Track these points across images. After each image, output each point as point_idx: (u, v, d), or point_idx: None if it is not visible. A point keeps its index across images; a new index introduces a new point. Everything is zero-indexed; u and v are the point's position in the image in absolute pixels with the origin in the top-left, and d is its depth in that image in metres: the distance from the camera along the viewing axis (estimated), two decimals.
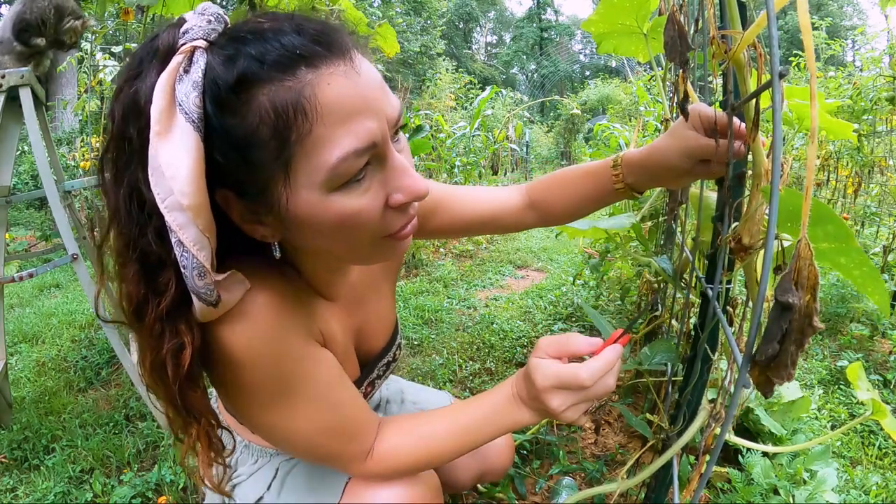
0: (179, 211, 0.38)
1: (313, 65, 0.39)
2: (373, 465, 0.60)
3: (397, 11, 13.25)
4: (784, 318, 0.34)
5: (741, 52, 0.47)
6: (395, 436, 0.61)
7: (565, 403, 0.53)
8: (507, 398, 0.59)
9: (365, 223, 0.44)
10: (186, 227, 0.39)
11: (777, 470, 1.15)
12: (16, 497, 1.24)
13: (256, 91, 0.38)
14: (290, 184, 0.41)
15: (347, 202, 0.42)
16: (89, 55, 2.74)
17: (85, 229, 1.78)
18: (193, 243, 0.39)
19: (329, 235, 0.45)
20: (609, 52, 1.08)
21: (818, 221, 0.44)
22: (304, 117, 0.38)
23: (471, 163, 4.33)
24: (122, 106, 0.40)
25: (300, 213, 0.42)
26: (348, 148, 0.40)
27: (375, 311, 0.72)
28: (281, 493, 0.69)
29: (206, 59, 0.39)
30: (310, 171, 0.40)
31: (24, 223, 5.06)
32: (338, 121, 0.39)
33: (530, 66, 33.21)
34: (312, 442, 0.56)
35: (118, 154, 0.40)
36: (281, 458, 0.73)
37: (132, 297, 0.42)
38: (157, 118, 0.37)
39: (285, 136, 0.39)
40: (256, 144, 0.39)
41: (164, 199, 0.38)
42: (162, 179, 0.37)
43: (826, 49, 3.52)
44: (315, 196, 0.41)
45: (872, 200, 2.71)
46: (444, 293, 2.80)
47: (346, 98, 0.40)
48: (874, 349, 1.93)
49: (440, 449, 0.60)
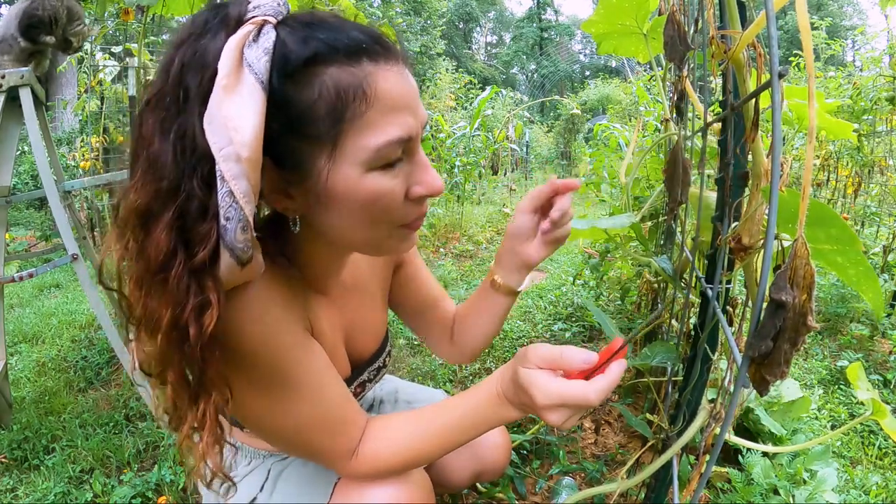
0: (235, 162, 0.39)
1: (374, 59, 0.44)
2: (357, 465, 0.60)
3: (397, 11, 13.24)
4: (778, 315, 0.34)
5: (740, 51, 0.47)
6: (379, 436, 0.61)
7: (564, 418, 0.52)
8: (491, 397, 0.58)
9: (388, 205, 0.48)
10: (239, 179, 0.40)
11: (777, 470, 1.15)
12: (16, 497, 1.24)
13: (322, 70, 0.43)
14: (335, 158, 0.44)
15: (380, 182, 0.46)
16: (89, 55, 2.74)
17: (85, 229, 1.78)
18: (243, 196, 0.40)
19: (355, 213, 0.48)
20: (609, 52, 1.09)
21: (821, 224, 0.43)
22: (362, 100, 0.43)
23: (471, 163, 4.34)
24: (184, 58, 0.41)
25: (337, 186, 0.45)
26: (393, 135, 0.45)
27: (365, 316, 0.74)
28: (273, 494, 0.70)
29: (275, 33, 0.42)
30: (356, 150, 0.44)
31: (24, 223, 5.06)
32: (388, 110, 0.45)
33: (530, 66, 33.22)
34: (300, 433, 0.57)
35: (171, 101, 0.41)
36: (273, 459, 0.74)
37: (159, 247, 0.40)
38: (225, 73, 0.39)
39: (340, 114, 0.43)
40: (311, 117, 0.43)
41: (220, 148, 0.39)
42: (222, 130, 0.39)
43: (826, 49, 3.52)
44: (354, 173, 0.45)
45: (872, 200, 2.71)
46: None
47: (397, 93, 0.45)
48: (874, 349, 1.93)
49: (425, 448, 0.60)
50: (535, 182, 9.11)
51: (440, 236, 3.96)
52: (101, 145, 3.10)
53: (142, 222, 0.41)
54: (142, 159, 0.41)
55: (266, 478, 0.72)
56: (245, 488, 0.72)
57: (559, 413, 0.51)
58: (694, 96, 0.72)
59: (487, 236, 4.39)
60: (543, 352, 0.53)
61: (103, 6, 1.83)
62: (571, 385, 0.51)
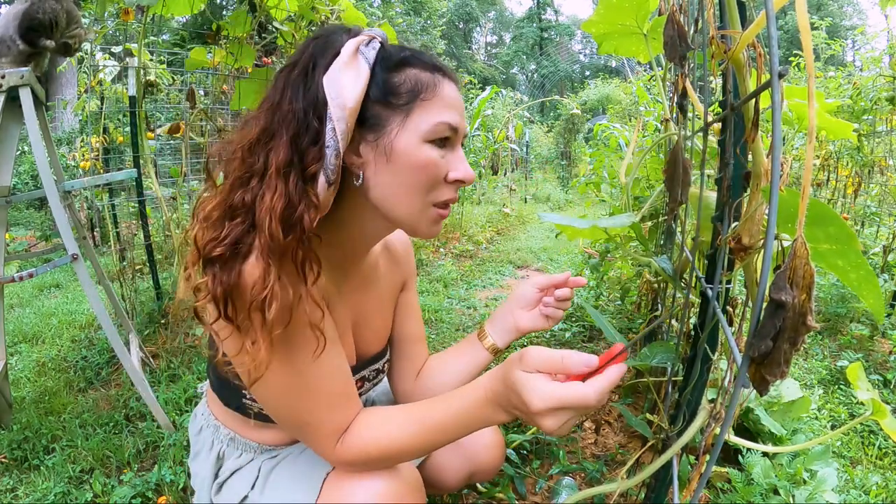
0: (341, 109, 0.56)
1: (442, 74, 0.63)
2: (342, 452, 0.61)
3: (397, 11, 13.24)
4: (778, 315, 0.34)
5: (740, 51, 0.47)
6: (369, 424, 0.62)
7: (560, 422, 0.51)
8: (480, 401, 0.57)
9: (431, 176, 0.61)
10: (340, 121, 0.56)
11: (777, 470, 1.15)
12: (16, 497, 1.24)
13: (409, 68, 0.61)
14: (405, 124, 0.59)
15: (431, 153, 0.60)
16: (89, 55, 2.74)
17: (85, 229, 1.78)
18: (341, 132, 0.56)
19: (406, 173, 0.60)
20: (609, 52, 1.09)
21: (820, 222, 0.43)
22: (432, 91, 0.60)
23: (471, 163, 4.34)
24: (316, 46, 0.60)
25: (400, 147, 0.59)
26: (447, 118, 0.61)
27: (374, 315, 0.78)
28: (264, 492, 0.71)
29: (380, 43, 0.61)
30: (419, 122, 0.60)
31: (24, 223, 5.07)
32: (445, 105, 0.62)
33: (530, 66, 33.21)
34: (292, 397, 0.60)
35: (301, 69, 0.58)
36: (264, 456, 0.76)
37: (281, 156, 0.55)
38: (346, 56, 0.57)
39: (415, 95, 0.60)
40: (396, 93, 0.59)
41: (334, 98, 0.56)
42: (337, 88, 0.56)
43: (826, 49, 3.51)
44: (414, 139, 0.59)
45: (872, 200, 2.72)
46: (444, 293, 2.80)
47: (453, 98, 0.63)
48: (874, 349, 1.93)
49: (408, 444, 0.61)
50: (534, 182, 9.12)
51: (440, 236, 3.96)
52: (101, 145, 3.10)
53: (266, 139, 0.56)
54: (283, 105, 0.57)
55: (257, 476, 0.73)
56: (236, 485, 0.74)
57: (555, 417, 0.51)
58: (694, 96, 0.72)
59: (487, 236, 4.39)
60: (545, 355, 0.53)
61: (103, 6, 1.84)
62: (569, 387, 0.50)
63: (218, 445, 0.78)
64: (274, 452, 0.76)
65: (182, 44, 6.80)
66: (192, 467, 0.82)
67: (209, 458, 0.78)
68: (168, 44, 7.20)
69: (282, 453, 0.76)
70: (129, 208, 2.98)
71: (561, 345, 2.05)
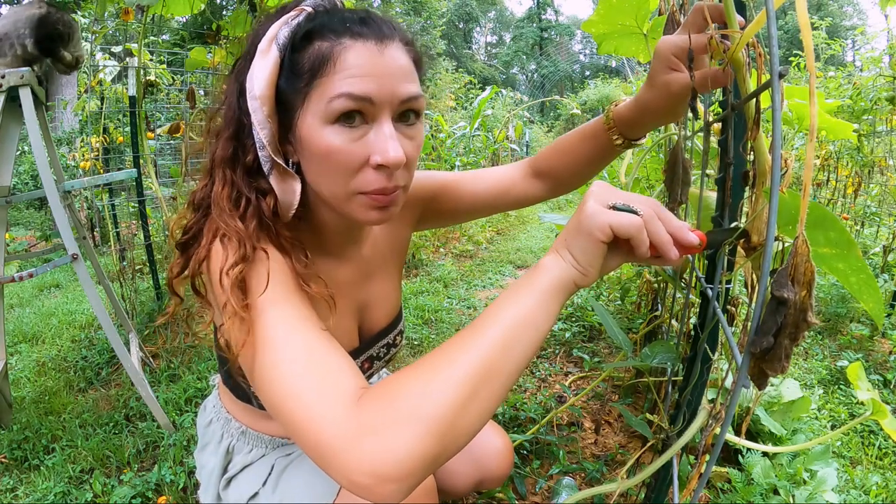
0: (254, 98, 0.55)
1: (354, 37, 0.54)
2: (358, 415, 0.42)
3: (397, 11, 13.26)
4: (779, 312, 0.35)
5: (740, 51, 0.47)
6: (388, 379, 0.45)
7: (600, 208, 0.43)
8: (535, 268, 0.47)
9: (341, 162, 0.54)
10: (256, 112, 0.55)
11: (777, 470, 1.15)
12: (16, 497, 1.24)
13: (315, 41, 0.55)
14: (305, 107, 0.54)
15: (334, 137, 0.53)
16: (89, 55, 2.74)
17: (85, 229, 1.78)
18: (258, 123, 0.55)
19: (314, 163, 0.56)
20: (609, 52, 1.09)
21: (820, 226, 0.44)
22: (330, 62, 0.53)
23: (471, 163, 4.34)
24: (253, 36, 0.59)
25: (303, 134, 0.55)
26: (345, 89, 0.52)
27: (382, 290, 0.76)
28: (276, 491, 0.69)
29: (301, 18, 0.57)
30: (316, 102, 0.53)
31: (24, 223, 5.07)
32: (347, 76, 0.52)
33: (530, 66, 33.18)
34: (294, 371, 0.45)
35: (244, 62, 0.58)
36: (277, 453, 0.74)
37: (223, 151, 0.58)
38: (263, 45, 0.55)
39: (314, 74, 0.53)
40: (299, 74, 0.55)
41: (249, 89, 0.55)
42: (252, 79, 0.55)
43: (826, 49, 3.51)
44: (316, 123, 0.54)
45: (872, 200, 2.72)
46: (445, 293, 2.80)
47: (360, 63, 0.53)
48: (874, 349, 1.93)
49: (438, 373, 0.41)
50: None
51: (440, 236, 3.96)
52: (101, 145, 3.10)
53: (215, 134, 0.60)
54: (226, 101, 0.59)
55: (269, 473, 0.71)
56: (247, 481, 0.72)
57: (599, 200, 0.44)
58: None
59: (487, 236, 4.39)
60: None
61: (103, 6, 1.84)
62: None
63: (228, 439, 0.77)
64: (289, 449, 0.75)
65: (182, 44, 6.78)
66: (199, 459, 0.81)
67: (218, 450, 0.77)
68: (168, 44, 7.19)
69: (297, 450, 0.75)
70: (129, 208, 2.98)
71: (561, 345, 2.05)
